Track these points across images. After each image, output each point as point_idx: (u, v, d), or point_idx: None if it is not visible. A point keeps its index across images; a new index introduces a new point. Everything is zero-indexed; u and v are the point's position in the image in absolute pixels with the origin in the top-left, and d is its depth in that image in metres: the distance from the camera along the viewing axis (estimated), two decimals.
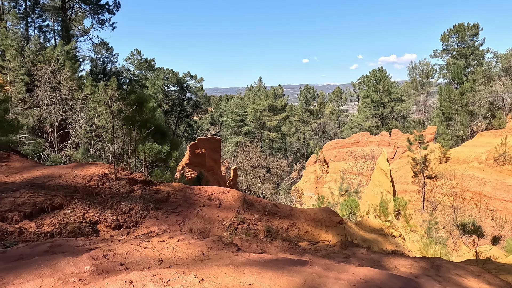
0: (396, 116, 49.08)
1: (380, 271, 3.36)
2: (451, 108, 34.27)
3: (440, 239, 18.52)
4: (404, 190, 28.30)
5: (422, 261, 5.08)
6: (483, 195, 24.15)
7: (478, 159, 26.10)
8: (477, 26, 40.89)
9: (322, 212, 7.78)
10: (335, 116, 59.45)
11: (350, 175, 32.69)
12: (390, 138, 34.64)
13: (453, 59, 42.72)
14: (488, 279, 4.50)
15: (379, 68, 47.67)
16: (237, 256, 3.38)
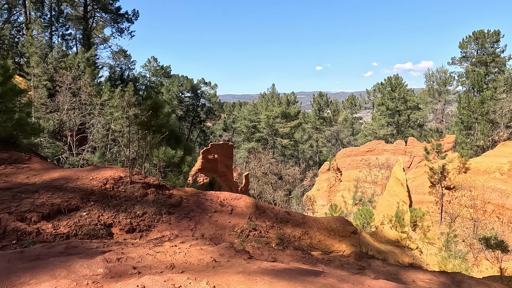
0: (412, 124, 47.92)
1: (397, 285, 3.22)
2: (470, 117, 33.15)
3: (460, 253, 17.71)
4: (421, 200, 27.39)
5: (442, 276, 4.85)
6: (506, 208, 23.04)
7: (500, 170, 25.00)
8: (498, 33, 39.69)
9: (335, 221, 7.61)
10: (349, 123, 58.68)
11: (364, 184, 31.98)
12: (406, 147, 33.79)
13: (472, 66, 41.53)
14: None
15: (395, 76, 46.90)
16: (249, 264, 3.32)
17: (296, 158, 55.93)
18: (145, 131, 6.35)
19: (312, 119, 55.46)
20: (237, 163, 40.13)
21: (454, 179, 26.70)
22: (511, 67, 38.56)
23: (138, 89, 34.90)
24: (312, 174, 41.04)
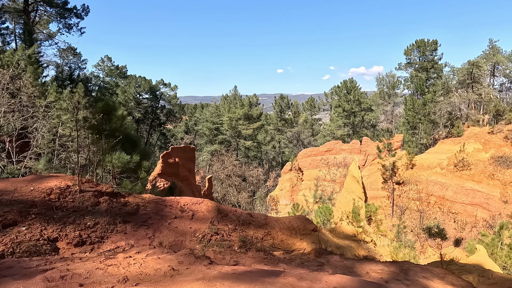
0: (366, 124, 51.28)
1: (352, 278, 3.40)
2: (415, 118, 36.47)
3: (409, 243, 19.34)
4: (375, 196, 29.42)
5: (392, 265, 5.23)
6: (446, 199, 25.74)
7: (440, 165, 27.88)
8: (435, 42, 44.25)
9: (296, 220, 7.81)
10: (309, 124, 60.88)
11: (324, 183, 33.41)
12: (361, 146, 36.04)
13: (415, 71, 45.73)
14: (451, 280, 4.72)
15: (350, 79, 49.81)
16: (209, 270, 3.26)
17: (259, 159, 56.53)
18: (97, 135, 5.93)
19: (274, 120, 56.57)
20: (200, 166, 39.37)
21: (403, 174, 29.14)
22: (447, 73, 43.31)
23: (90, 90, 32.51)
24: (275, 175, 41.82)
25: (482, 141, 27.26)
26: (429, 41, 44.25)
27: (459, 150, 26.81)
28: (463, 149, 26.76)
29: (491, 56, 35.40)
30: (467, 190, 24.87)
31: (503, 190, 23.25)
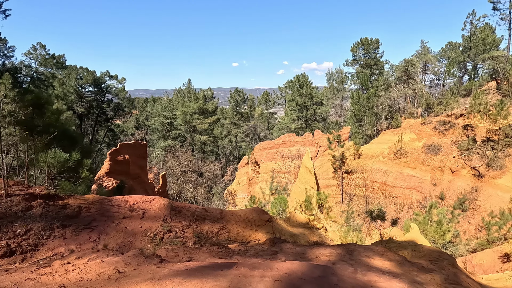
0: (318, 118, 53.89)
1: (301, 263, 3.57)
2: (361, 111, 39.37)
3: (356, 226, 21.01)
4: (327, 185, 31.25)
5: (339, 248, 5.62)
6: (387, 185, 28.42)
7: (382, 154, 30.63)
8: (377, 41, 48.00)
9: (252, 212, 7.93)
10: (265, 118, 61.90)
11: (280, 174, 34.46)
12: (313, 138, 37.81)
13: (361, 68, 49.18)
14: (389, 256, 5.25)
15: (302, 74, 51.63)
16: (159, 268, 3.15)
17: (216, 154, 55.99)
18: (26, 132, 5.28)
19: (230, 114, 56.36)
20: (153, 163, 37.62)
21: (351, 164, 31.39)
22: (387, 70, 47.43)
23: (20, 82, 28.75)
24: (233, 169, 41.88)
25: (416, 131, 30.54)
26: (372, 40, 47.81)
27: (398, 140, 29.71)
28: (401, 139, 29.71)
29: (422, 55, 39.62)
30: (404, 175, 27.76)
31: (432, 174, 26.44)
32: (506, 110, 23.55)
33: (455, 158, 25.95)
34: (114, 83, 38.34)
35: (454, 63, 39.17)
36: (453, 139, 27.38)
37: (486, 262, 13.84)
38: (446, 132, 28.46)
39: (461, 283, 4.70)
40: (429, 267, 5.34)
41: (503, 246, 13.70)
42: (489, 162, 23.49)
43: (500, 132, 23.96)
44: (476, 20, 38.16)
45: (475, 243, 17.68)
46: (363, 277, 3.72)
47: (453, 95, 30.23)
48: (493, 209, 19.98)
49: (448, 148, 27.12)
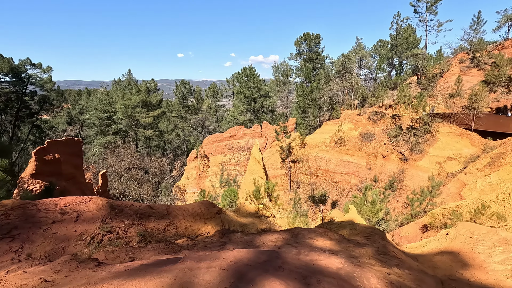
0: (266, 110, 55.07)
1: (248, 251, 3.66)
2: (305, 103, 41.36)
3: (303, 212, 22.27)
4: (275, 174, 32.36)
5: (285, 233, 5.90)
6: (330, 171, 30.61)
7: (325, 143, 32.78)
8: (318, 36, 50.60)
9: (200, 206, 7.82)
10: (213, 111, 61.00)
11: (230, 167, 34.53)
12: (261, 130, 38.60)
13: (304, 61, 51.43)
14: (330, 236, 5.69)
15: (249, 67, 51.95)
16: (95, 272, 2.92)
17: (163, 149, 53.49)
18: None
19: (177, 107, 54.16)
20: (90, 162, 34.34)
21: (297, 153, 32.95)
22: (328, 64, 50.48)
23: None
24: (181, 164, 40.54)
25: (353, 121, 33.31)
26: (314, 35, 50.21)
27: (338, 130, 32.06)
28: (340, 129, 32.12)
29: (358, 51, 43.05)
30: (344, 162, 30.19)
31: (367, 160, 29.27)
32: (424, 101, 27.09)
33: (386, 144, 29.08)
34: (38, 73, 33.68)
35: (384, 59, 43.48)
36: (384, 128, 30.59)
37: (410, 233, 15.97)
38: (378, 122, 31.64)
39: (389, 253, 5.34)
40: (363, 242, 5.94)
41: (423, 219, 15.95)
42: (412, 147, 26.90)
43: (420, 120, 27.53)
44: (401, 21, 42.76)
45: (402, 218, 20.22)
46: (305, 257, 3.97)
47: (383, 88, 33.62)
48: (415, 187, 23.02)
49: (380, 136, 30.23)
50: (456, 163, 23.86)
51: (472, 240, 6.02)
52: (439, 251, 6.23)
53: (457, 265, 5.30)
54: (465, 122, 26.11)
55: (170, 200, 27.67)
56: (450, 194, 20.01)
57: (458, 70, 32.16)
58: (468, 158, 23.21)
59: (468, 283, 4.57)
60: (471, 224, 6.72)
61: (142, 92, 44.38)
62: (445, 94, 29.61)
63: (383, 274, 4.02)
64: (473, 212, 12.65)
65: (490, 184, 17.38)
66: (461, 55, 33.36)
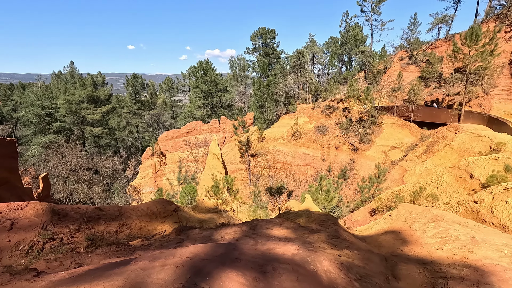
0: (223, 105, 54.64)
1: (205, 245, 3.64)
2: (262, 97, 41.89)
3: (263, 204, 22.74)
4: (235, 169, 32.44)
5: (244, 225, 5.97)
6: (287, 164, 31.60)
7: (282, 136, 33.69)
8: (274, 31, 51.39)
9: (156, 204, 7.54)
10: (169, 106, 58.75)
11: (188, 163, 33.70)
12: (220, 125, 38.25)
13: (260, 56, 51.90)
14: (286, 225, 5.91)
15: (205, 60, 50.87)
16: (34, 283, 2.66)
17: (114, 147, 50.15)
18: None
19: (128, 103, 51.02)
20: (28, 164, 30.83)
21: (256, 147, 33.37)
22: (283, 59, 51.66)
23: None
24: (135, 162, 38.48)
25: (308, 115, 34.70)
26: (269, 30, 50.85)
27: (294, 124, 33.15)
28: (296, 123, 33.24)
29: (311, 47, 44.71)
30: (301, 154, 31.40)
31: (322, 151, 30.82)
32: (371, 95, 29.25)
33: (338, 136, 30.88)
34: None
35: (335, 55, 45.82)
36: (336, 120, 32.41)
37: (360, 217, 17.28)
38: (331, 115, 33.40)
39: (340, 236, 5.73)
40: (317, 228, 6.28)
41: (371, 203, 17.36)
42: (361, 138, 28.97)
43: (367, 113, 29.72)
44: (349, 19, 45.35)
45: (353, 204, 21.77)
46: (262, 247, 4.07)
47: (334, 83, 35.49)
48: (364, 175, 24.90)
49: (332, 128, 31.97)
50: (399, 151, 26.30)
51: (410, 219, 6.72)
52: (383, 231, 6.85)
53: (398, 242, 5.89)
54: (405, 114, 28.83)
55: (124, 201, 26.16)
56: (394, 179, 22.04)
57: (399, 67, 35.25)
58: (408, 146, 25.74)
59: (407, 257, 5.11)
60: (409, 205, 7.50)
61: (88, 86, 40.89)
62: (389, 89, 32.30)
63: (335, 256, 4.30)
64: (413, 195, 14.12)
65: (426, 169, 19.52)
66: (401, 53, 36.58)
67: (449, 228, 5.67)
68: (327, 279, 3.55)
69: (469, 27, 23.54)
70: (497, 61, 25.02)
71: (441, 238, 5.39)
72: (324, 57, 50.10)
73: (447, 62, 27.13)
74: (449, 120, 25.50)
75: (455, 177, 14.57)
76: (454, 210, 11.18)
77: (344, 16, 45.57)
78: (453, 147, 19.20)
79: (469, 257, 4.57)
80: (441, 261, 4.67)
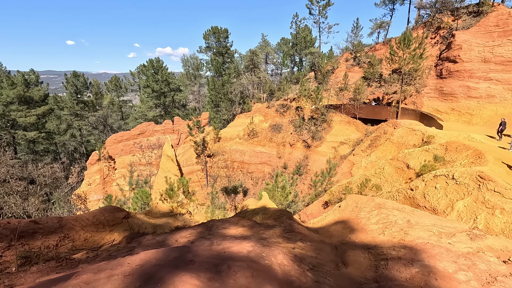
0: (177, 105, 52.85)
1: (157, 251, 3.49)
2: (217, 97, 41.49)
3: (221, 204, 22.56)
4: (191, 171, 31.64)
5: (200, 227, 5.87)
6: (245, 163, 31.81)
7: (239, 135, 33.79)
8: (226, 31, 51.19)
9: (103, 212, 7.02)
10: (116, 107, 54.94)
11: (140, 167, 31.92)
12: (173, 126, 36.94)
13: (214, 55, 51.31)
14: (242, 223, 5.95)
15: (156, 59, 48.64)
16: None
17: (54, 153, 45.31)
18: None
19: (69, 103, 46.43)
20: None
21: (212, 147, 32.95)
22: (237, 59, 51.77)
23: None
24: (80, 169, 35.21)
25: (263, 114, 35.32)
26: (222, 29, 50.51)
27: (250, 123, 33.47)
28: (252, 122, 33.61)
29: (264, 47, 45.52)
30: (257, 153, 31.85)
31: (278, 149, 31.65)
32: (321, 94, 30.86)
33: (292, 134, 31.99)
34: None
35: (287, 56, 47.30)
36: (290, 119, 33.53)
37: (315, 210, 18.16)
38: (285, 113, 34.45)
39: (294, 230, 5.95)
40: (273, 224, 6.44)
41: (324, 196, 18.34)
42: (313, 135, 30.42)
43: (318, 111, 31.31)
44: (299, 21, 47.18)
45: (308, 198, 22.77)
46: (217, 247, 4.05)
47: (287, 82, 36.65)
48: (317, 170, 26.19)
49: (287, 126, 33.02)
50: (347, 146, 28.20)
51: (357, 208, 7.26)
52: (334, 222, 7.29)
53: (346, 231, 6.33)
54: (351, 112, 31.01)
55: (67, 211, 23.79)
56: (344, 173, 23.59)
57: (345, 68, 37.76)
58: (355, 142, 27.75)
59: (354, 243, 5.52)
60: (356, 196, 8.09)
61: (18, 85, 36.28)
62: (336, 88, 34.40)
63: (289, 249, 4.46)
64: (360, 186, 15.26)
65: (371, 162, 21.25)
66: (347, 55, 39.23)
67: (389, 214, 6.26)
68: (282, 272, 3.66)
69: (402, 32, 26.21)
70: (426, 64, 28.25)
71: (382, 224, 5.92)
72: (277, 58, 51.43)
73: (386, 64, 29.84)
74: (389, 116, 28.09)
75: (395, 168, 16.12)
76: (395, 198, 12.37)
77: (294, 18, 47.28)
78: (393, 141, 21.21)
79: (406, 239, 5.11)
80: (382, 244, 5.14)
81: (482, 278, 3.79)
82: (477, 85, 24.29)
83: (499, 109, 22.69)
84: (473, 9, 29.01)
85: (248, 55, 41.77)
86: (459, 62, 25.41)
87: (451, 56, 26.04)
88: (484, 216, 8.84)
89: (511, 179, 10.92)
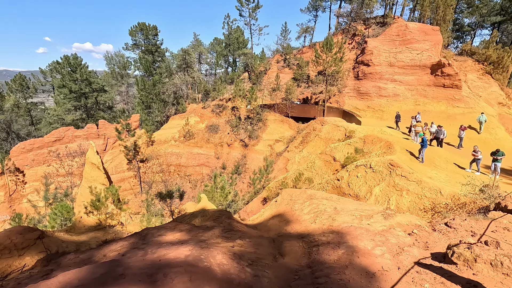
0: (102, 107, 47.90)
1: (79, 270, 3.12)
2: (148, 97, 39.02)
3: (158, 211, 21.33)
4: (122, 178, 29.08)
5: (133, 237, 5.45)
6: (181, 165, 30.68)
7: (174, 138, 32.41)
8: (155, 28, 48.49)
9: (9, 235, 5.97)
10: (24, 110, 46.98)
11: (58, 178, 27.90)
12: (98, 130, 33.39)
13: (142, 53, 48.08)
14: (180, 228, 5.74)
15: (74, 55, 43.18)
16: None
17: None
18: None
19: None
20: None
21: (145, 152, 30.87)
22: (168, 58, 49.53)
23: None
24: None
25: (199, 114, 34.60)
26: (150, 26, 47.64)
27: (185, 124, 32.41)
28: (187, 123, 32.61)
29: (196, 46, 44.55)
30: (194, 154, 31.06)
31: (215, 150, 31.41)
32: (255, 94, 31.73)
33: (229, 134, 32.13)
34: None
35: (220, 56, 47.22)
36: (226, 119, 33.60)
37: (254, 208, 18.61)
38: (221, 114, 34.38)
39: (233, 229, 6.00)
40: (212, 225, 6.38)
41: (262, 193, 18.94)
42: (250, 134, 31.11)
43: (253, 111, 32.13)
44: (231, 22, 47.55)
45: (247, 196, 23.20)
46: (152, 256, 3.82)
47: (222, 83, 36.62)
48: (255, 168, 26.88)
49: (224, 127, 33.00)
50: (282, 144, 29.64)
51: (291, 201, 7.70)
52: (271, 216, 7.59)
53: (283, 224, 6.66)
54: (284, 111, 32.70)
55: None
56: (280, 169, 24.75)
57: (277, 69, 39.58)
58: (289, 139, 29.36)
59: (290, 234, 5.85)
60: (290, 190, 8.58)
61: None
62: (269, 88, 35.80)
63: (228, 249, 4.48)
64: (294, 180, 16.22)
65: (303, 157, 22.78)
66: (277, 57, 41.15)
67: (319, 204, 6.82)
68: (221, 271, 3.66)
69: (325, 37, 28.76)
70: (345, 66, 31.56)
71: (314, 213, 6.41)
72: (211, 57, 50.90)
73: (312, 66, 32.32)
74: (317, 114, 30.52)
75: (323, 161, 17.60)
76: (325, 189, 13.52)
77: (226, 18, 47.47)
78: (321, 137, 23.13)
79: (333, 224, 5.63)
80: (314, 232, 5.57)
81: (393, 250, 4.43)
82: (386, 86, 28.18)
83: (402, 106, 26.75)
84: (380, 20, 33.53)
85: (180, 54, 40.33)
86: (371, 66, 29.09)
87: (365, 60, 29.64)
88: (395, 197, 10.33)
89: (413, 164, 13.01)
